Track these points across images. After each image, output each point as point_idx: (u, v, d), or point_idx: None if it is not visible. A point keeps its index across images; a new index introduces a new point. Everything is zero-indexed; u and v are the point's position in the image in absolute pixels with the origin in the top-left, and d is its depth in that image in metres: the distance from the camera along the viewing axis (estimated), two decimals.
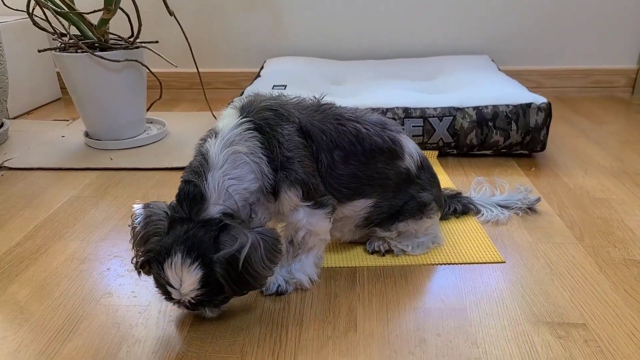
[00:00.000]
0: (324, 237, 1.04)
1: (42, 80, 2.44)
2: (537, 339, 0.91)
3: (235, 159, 0.89)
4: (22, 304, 1.03)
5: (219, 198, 0.87)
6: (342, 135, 1.02)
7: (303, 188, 0.94)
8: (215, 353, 0.89)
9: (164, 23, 2.37)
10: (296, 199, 0.95)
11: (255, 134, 0.91)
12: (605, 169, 1.63)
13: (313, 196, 0.97)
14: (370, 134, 1.04)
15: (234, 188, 0.88)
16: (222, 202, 0.87)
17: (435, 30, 2.46)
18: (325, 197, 0.99)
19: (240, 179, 0.89)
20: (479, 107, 1.69)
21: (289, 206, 0.96)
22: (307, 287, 1.04)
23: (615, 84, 2.50)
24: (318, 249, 1.05)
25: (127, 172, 1.66)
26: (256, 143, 0.91)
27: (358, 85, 2.02)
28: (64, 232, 1.30)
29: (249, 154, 0.90)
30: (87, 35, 1.78)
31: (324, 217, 1.00)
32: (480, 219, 1.32)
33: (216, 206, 0.87)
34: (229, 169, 0.88)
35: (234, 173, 0.89)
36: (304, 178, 0.94)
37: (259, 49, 2.53)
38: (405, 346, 0.90)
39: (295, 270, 1.03)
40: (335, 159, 1.01)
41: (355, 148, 1.03)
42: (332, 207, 1.00)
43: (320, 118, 1.01)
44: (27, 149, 1.86)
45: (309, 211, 0.98)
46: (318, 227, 1.00)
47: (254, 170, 0.90)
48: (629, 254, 1.16)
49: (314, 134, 0.98)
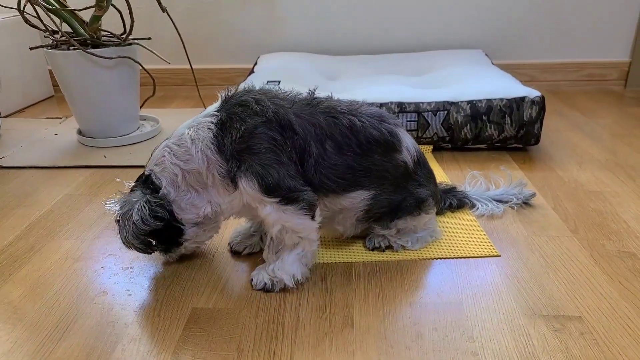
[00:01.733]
0: (305, 235, 1.01)
1: (34, 78, 2.42)
2: (533, 332, 0.91)
3: (181, 138, 1.01)
4: (15, 303, 1.02)
5: (153, 160, 1.03)
6: (334, 126, 1.02)
7: (258, 179, 0.95)
8: (211, 350, 0.89)
9: (156, 19, 2.37)
10: (253, 191, 0.96)
11: (212, 127, 0.99)
12: (599, 162, 1.63)
13: (276, 190, 0.96)
14: (365, 126, 1.04)
15: (167, 158, 1.00)
16: (154, 164, 1.02)
17: (429, 24, 2.45)
18: (297, 193, 0.97)
19: (175, 154, 1.00)
20: (473, 101, 1.69)
21: (251, 197, 0.98)
22: (290, 287, 1.03)
23: (608, 77, 2.50)
24: (303, 248, 1.03)
25: (120, 169, 1.65)
26: (209, 134, 0.99)
27: (352, 81, 2.02)
28: (58, 230, 1.29)
29: (195, 139, 0.99)
30: (79, 33, 1.76)
31: (297, 213, 0.98)
32: (475, 213, 1.32)
33: (149, 166, 1.03)
34: (171, 143, 1.01)
35: (173, 147, 1.00)
36: (259, 170, 0.95)
37: (253, 45, 2.52)
38: (402, 341, 0.90)
39: (277, 269, 1.02)
40: (328, 149, 1.01)
41: (349, 139, 1.02)
42: (307, 202, 0.98)
43: (310, 111, 1.02)
44: (19, 147, 1.84)
45: (278, 207, 0.97)
46: (294, 224, 0.99)
47: (191, 153, 0.99)
48: (623, 246, 1.17)
49: (299, 125, 0.99)
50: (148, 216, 0.98)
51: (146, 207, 0.99)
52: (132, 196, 1.01)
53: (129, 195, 1.03)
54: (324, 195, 1.04)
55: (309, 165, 0.99)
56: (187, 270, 1.11)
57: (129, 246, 1.03)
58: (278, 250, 1.03)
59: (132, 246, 1.03)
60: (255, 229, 1.17)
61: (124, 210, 1.00)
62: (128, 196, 1.02)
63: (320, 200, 1.04)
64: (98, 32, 1.77)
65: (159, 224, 0.99)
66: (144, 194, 1.01)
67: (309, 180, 1.00)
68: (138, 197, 1.00)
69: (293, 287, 1.03)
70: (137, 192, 1.02)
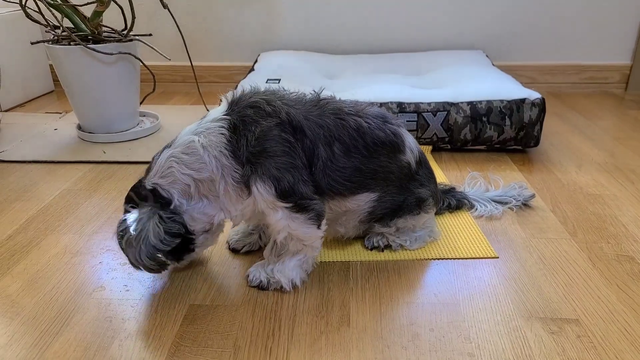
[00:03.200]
0: (309, 244, 1.01)
1: (34, 73, 2.42)
2: (530, 334, 0.91)
3: (190, 146, 0.95)
4: (13, 297, 1.02)
5: (157, 173, 0.96)
6: (342, 128, 1.01)
7: (274, 183, 0.92)
8: (208, 347, 0.89)
9: (157, 16, 2.36)
10: (268, 195, 0.93)
11: (224, 132, 0.94)
12: (599, 164, 1.63)
13: (290, 196, 0.94)
14: (371, 128, 1.03)
15: (177, 169, 0.94)
16: (159, 177, 0.95)
17: (430, 25, 2.45)
18: (309, 201, 0.96)
19: (186, 163, 0.94)
20: (473, 102, 1.69)
21: (265, 203, 0.95)
22: (287, 289, 1.03)
23: (609, 80, 2.50)
24: (305, 254, 1.03)
25: (119, 165, 1.65)
26: (222, 139, 0.94)
27: (352, 80, 2.02)
28: (56, 225, 1.29)
29: (207, 146, 0.94)
30: (80, 28, 1.76)
31: (306, 223, 0.97)
32: (474, 214, 1.32)
33: (152, 179, 0.96)
34: (178, 152, 0.95)
35: (181, 157, 0.95)
36: (275, 173, 0.92)
37: (253, 43, 2.52)
38: (398, 341, 0.90)
39: (277, 271, 1.02)
40: (336, 152, 0.99)
41: (357, 142, 1.01)
42: (316, 212, 0.97)
43: (318, 113, 1.00)
44: (19, 141, 1.84)
45: (289, 214, 0.95)
46: (301, 233, 0.98)
47: (204, 161, 0.94)
48: (621, 250, 1.17)
49: (308, 128, 0.97)
50: (164, 235, 0.92)
51: (161, 226, 0.92)
52: (140, 214, 0.94)
53: (135, 213, 0.94)
54: (330, 198, 1.03)
55: (318, 169, 0.98)
56: (184, 267, 1.11)
57: (138, 266, 0.95)
58: (280, 255, 1.03)
59: (143, 267, 0.95)
60: (253, 228, 1.17)
61: (137, 231, 0.92)
62: (134, 214, 0.94)
63: (326, 203, 1.03)
64: (99, 27, 1.77)
65: (176, 240, 0.94)
66: (153, 210, 0.94)
67: (317, 183, 0.99)
68: (148, 214, 0.93)
69: (289, 289, 1.03)
70: (146, 209, 0.94)
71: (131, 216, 0.94)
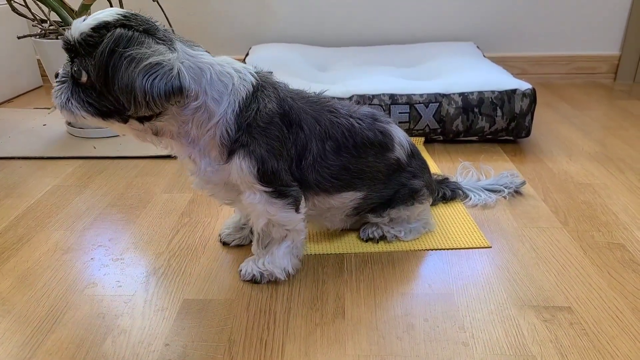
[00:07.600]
0: (292, 227, 1.01)
1: (22, 68, 2.39)
2: (523, 323, 0.92)
3: (225, 74, 0.90)
4: (3, 295, 1.01)
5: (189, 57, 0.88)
6: (336, 127, 1.02)
7: (259, 164, 0.92)
8: (202, 342, 0.89)
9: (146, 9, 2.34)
10: (249, 174, 0.92)
11: (249, 88, 0.92)
12: (589, 154, 1.64)
13: (271, 181, 0.94)
14: (362, 128, 1.04)
15: (208, 70, 0.88)
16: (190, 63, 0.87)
17: (421, 16, 2.45)
18: (288, 188, 0.97)
19: (212, 78, 0.88)
20: (465, 94, 1.69)
21: (241, 179, 0.93)
22: (281, 279, 1.03)
23: (598, 70, 2.52)
24: (292, 239, 1.03)
25: (110, 160, 1.63)
26: (243, 93, 0.91)
27: (344, 72, 2.01)
28: (47, 221, 1.28)
29: (233, 91, 0.90)
30: (68, 22, 1.74)
31: (284, 207, 0.97)
32: (468, 203, 1.32)
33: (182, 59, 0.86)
34: (217, 67, 0.90)
35: (216, 68, 0.89)
36: (263, 154, 0.92)
37: (244, 35, 2.51)
38: (393, 332, 0.90)
39: (267, 263, 1.02)
40: (327, 149, 1.00)
41: (347, 141, 1.03)
42: (293, 198, 0.98)
43: (317, 108, 1.02)
44: (7, 137, 1.82)
45: (267, 199, 0.95)
46: (280, 218, 0.98)
47: (221, 96, 0.89)
48: (612, 238, 1.18)
49: (305, 122, 0.98)
50: (160, 81, 0.80)
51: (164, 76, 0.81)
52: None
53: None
54: (315, 194, 1.03)
55: (307, 163, 0.99)
56: (177, 262, 1.11)
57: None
58: (267, 245, 1.03)
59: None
60: (245, 222, 1.17)
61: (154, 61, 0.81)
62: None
63: (310, 199, 1.04)
64: None
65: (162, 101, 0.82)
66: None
67: (305, 177, 0.99)
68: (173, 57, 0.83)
69: (283, 279, 1.03)
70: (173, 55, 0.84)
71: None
